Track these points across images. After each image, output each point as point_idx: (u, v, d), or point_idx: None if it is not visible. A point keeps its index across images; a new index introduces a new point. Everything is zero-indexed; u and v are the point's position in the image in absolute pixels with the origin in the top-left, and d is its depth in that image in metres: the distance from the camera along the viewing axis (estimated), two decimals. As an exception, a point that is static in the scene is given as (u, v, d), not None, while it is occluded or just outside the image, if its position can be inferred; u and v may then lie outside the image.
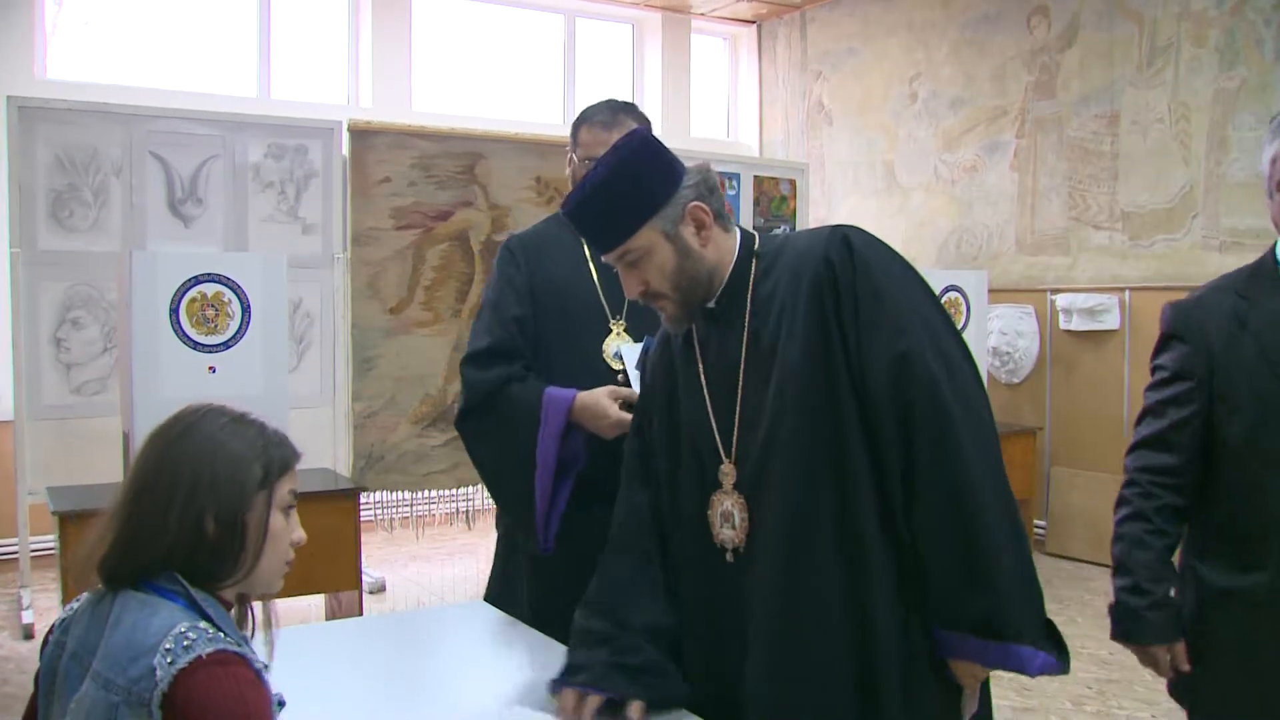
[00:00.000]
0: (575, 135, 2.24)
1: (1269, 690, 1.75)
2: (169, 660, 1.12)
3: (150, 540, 1.21)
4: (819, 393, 1.57)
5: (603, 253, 1.70)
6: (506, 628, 2.02)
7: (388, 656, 1.99)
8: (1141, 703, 3.81)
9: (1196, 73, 5.49)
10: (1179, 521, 1.85)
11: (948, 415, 1.51)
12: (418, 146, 5.22)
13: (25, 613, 4.55)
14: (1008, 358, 6.29)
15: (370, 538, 5.22)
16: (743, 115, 8.45)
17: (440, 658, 1.88)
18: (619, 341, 2.17)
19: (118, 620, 1.18)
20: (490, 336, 2.16)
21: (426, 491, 5.41)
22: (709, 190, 1.67)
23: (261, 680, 1.19)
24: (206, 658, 1.13)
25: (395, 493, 5.40)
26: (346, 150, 5.15)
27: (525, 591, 2.23)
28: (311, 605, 4.52)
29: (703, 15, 8.05)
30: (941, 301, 1.66)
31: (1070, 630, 3.63)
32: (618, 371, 2.14)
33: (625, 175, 1.63)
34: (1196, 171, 5.51)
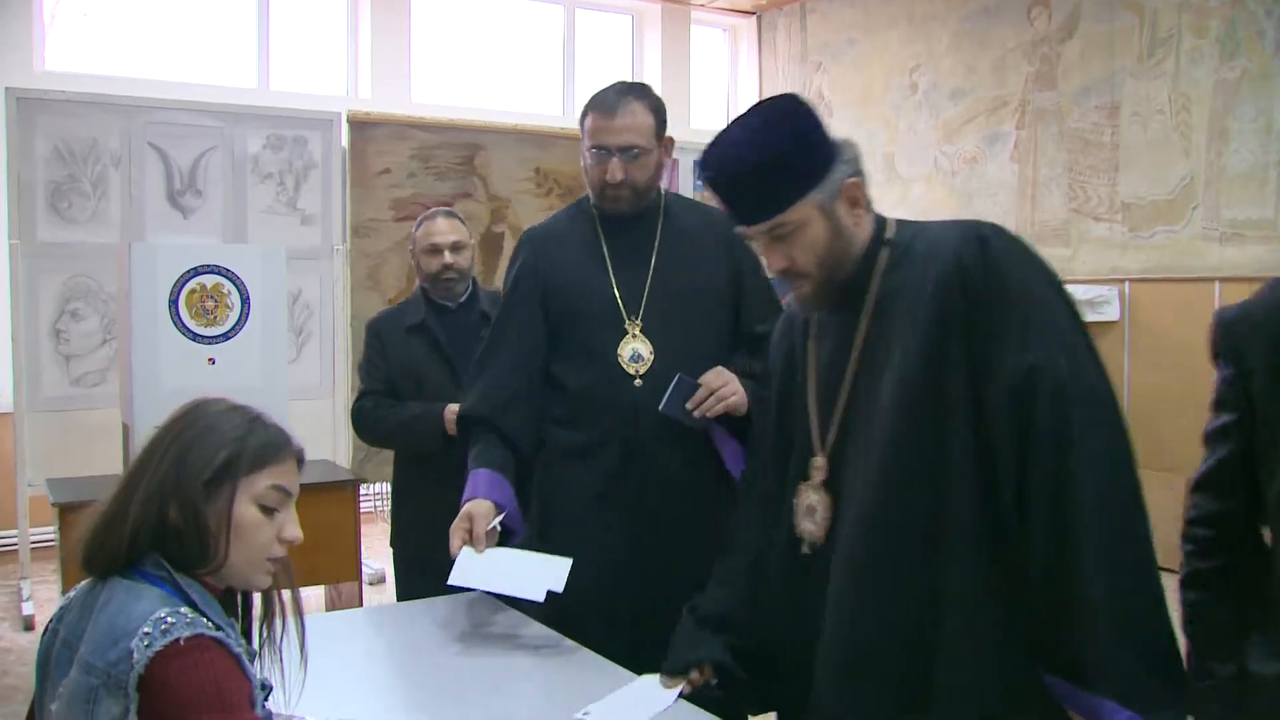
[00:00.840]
0: (582, 123, 2.15)
1: None
2: (146, 644, 1.12)
3: (116, 524, 1.22)
4: (929, 401, 1.47)
5: (749, 225, 1.55)
6: (507, 618, 2.02)
7: (387, 647, 2.00)
8: None
9: (1197, 64, 5.48)
10: (1246, 579, 1.52)
11: (1069, 441, 1.37)
12: (417, 138, 5.22)
13: (25, 604, 4.56)
14: (1007, 349, 6.28)
15: (370, 529, 5.22)
16: (743, 107, 8.35)
17: (440, 649, 1.88)
18: (635, 344, 2.11)
19: (104, 606, 1.19)
20: (480, 393, 2.18)
21: (426, 483, 5.41)
22: (860, 168, 1.57)
23: (241, 665, 1.19)
24: (184, 642, 1.13)
25: (395, 484, 5.40)
26: (346, 141, 5.14)
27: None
28: (311, 596, 4.53)
29: (702, 6, 8.03)
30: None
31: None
32: (633, 376, 2.09)
33: (786, 142, 1.50)
34: (1197, 163, 5.50)
